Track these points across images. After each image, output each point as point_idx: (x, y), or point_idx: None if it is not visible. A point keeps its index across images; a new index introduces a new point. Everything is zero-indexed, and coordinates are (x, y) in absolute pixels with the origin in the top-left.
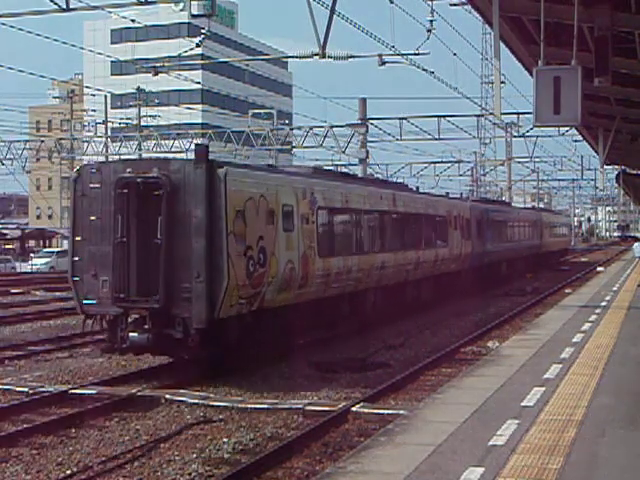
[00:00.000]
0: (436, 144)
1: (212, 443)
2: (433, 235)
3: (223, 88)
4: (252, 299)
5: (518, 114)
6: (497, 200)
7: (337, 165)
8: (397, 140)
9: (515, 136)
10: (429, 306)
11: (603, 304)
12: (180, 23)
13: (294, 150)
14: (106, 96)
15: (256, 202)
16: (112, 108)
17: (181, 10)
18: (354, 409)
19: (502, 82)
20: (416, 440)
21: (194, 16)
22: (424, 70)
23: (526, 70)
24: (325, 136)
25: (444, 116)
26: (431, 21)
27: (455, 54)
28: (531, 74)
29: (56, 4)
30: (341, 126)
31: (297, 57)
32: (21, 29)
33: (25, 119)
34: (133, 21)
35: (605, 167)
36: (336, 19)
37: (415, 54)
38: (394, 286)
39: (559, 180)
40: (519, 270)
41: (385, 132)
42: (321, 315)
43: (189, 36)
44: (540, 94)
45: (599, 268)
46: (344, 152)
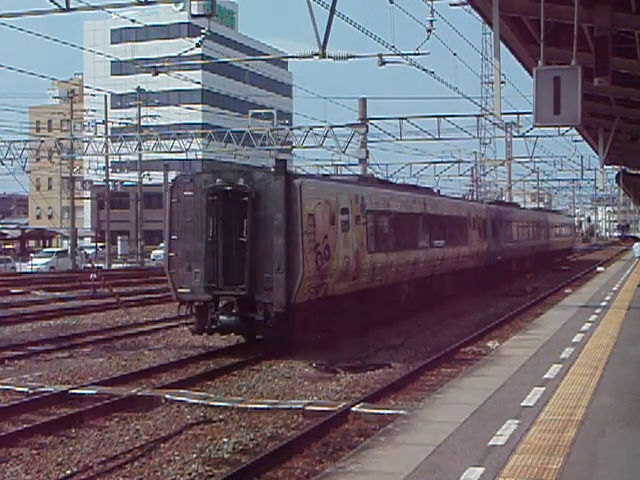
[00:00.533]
0: (436, 144)
1: (212, 443)
2: (455, 235)
3: (223, 88)
4: (319, 288)
5: (518, 114)
6: (508, 202)
7: (337, 165)
8: (397, 140)
9: (515, 136)
10: (451, 299)
11: (603, 304)
12: (180, 23)
13: (294, 150)
14: (106, 96)
15: (322, 207)
16: (112, 108)
17: (181, 10)
18: (354, 409)
19: (502, 82)
20: (416, 440)
21: (194, 16)
22: (424, 70)
23: (526, 70)
24: (325, 136)
25: (444, 116)
26: (431, 21)
27: (455, 54)
28: (531, 74)
29: (56, 4)
30: (341, 126)
31: (297, 57)
32: (21, 29)
33: (25, 119)
34: (133, 21)
35: (605, 167)
36: (336, 19)
37: (415, 54)
38: (423, 280)
39: (559, 180)
40: (528, 267)
41: (385, 132)
42: (367, 304)
43: (189, 36)
44: (540, 94)
45: (599, 268)
46: (344, 152)
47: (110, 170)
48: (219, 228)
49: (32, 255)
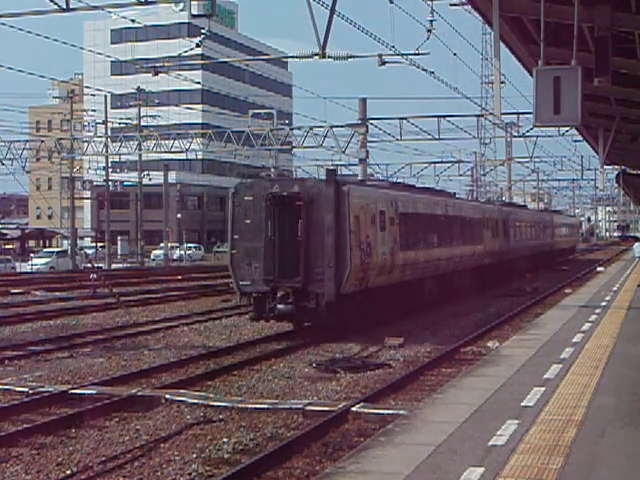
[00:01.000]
0: (436, 144)
1: (212, 443)
2: (472, 234)
3: (223, 88)
4: (362, 281)
5: (518, 114)
6: (517, 204)
7: (337, 165)
8: (397, 140)
9: (515, 136)
10: (468, 293)
11: (603, 304)
12: (180, 23)
13: (294, 150)
14: (106, 96)
15: (365, 209)
16: (112, 108)
17: (181, 10)
18: (354, 409)
19: (502, 82)
20: (416, 440)
21: (194, 16)
22: (424, 70)
23: (526, 70)
24: (325, 136)
25: (444, 116)
26: (431, 21)
27: (455, 54)
28: (531, 74)
29: (56, 4)
30: (341, 126)
31: (297, 57)
32: (21, 29)
33: (25, 119)
34: (133, 21)
35: (605, 167)
36: (336, 19)
37: (415, 54)
38: (443, 275)
39: (559, 180)
40: (535, 265)
41: (385, 132)
42: (398, 296)
43: (189, 36)
44: (540, 94)
45: (599, 268)
46: (344, 152)
47: (110, 170)
48: (276, 229)
49: (32, 255)
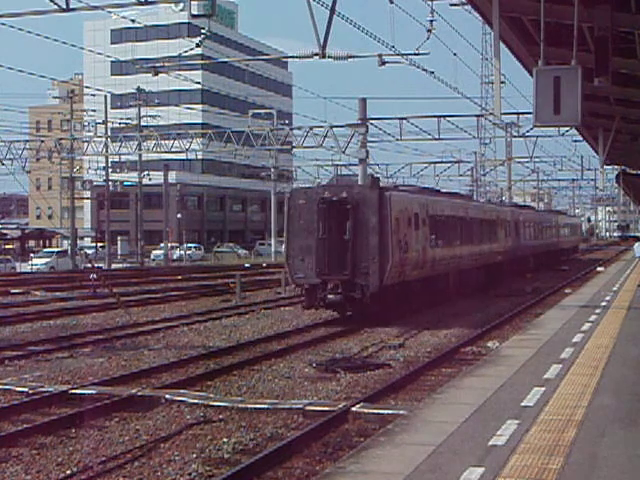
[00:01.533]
0: (436, 144)
1: (212, 443)
2: (488, 234)
3: (223, 88)
4: (400, 274)
5: (518, 114)
6: (526, 205)
7: (337, 165)
8: (397, 140)
9: (515, 136)
10: (483, 287)
11: (603, 304)
12: (180, 23)
13: (294, 150)
14: (106, 96)
15: (402, 212)
16: (112, 108)
17: (181, 10)
18: (354, 409)
19: (502, 82)
20: (416, 440)
21: (194, 16)
22: (424, 70)
23: (526, 70)
24: (325, 136)
25: (444, 116)
26: (431, 21)
27: (455, 54)
28: (531, 74)
29: (56, 4)
30: (341, 126)
31: (297, 57)
32: (21, 29)
33: (25, 119)
34: (133, 21)
35: (605, 167)
36: (336, 19)
37: (415, 54)
38: (463, 271)
39: (559, 180)
40: (543, 262)
41: (385, 132)
42: (428, 288)
43: (189, 36)
44: (540, 94)
45: (599, 268)
46: (344, 152)
47: (110, 170)
48: (326, 229)
49: (32, 255)
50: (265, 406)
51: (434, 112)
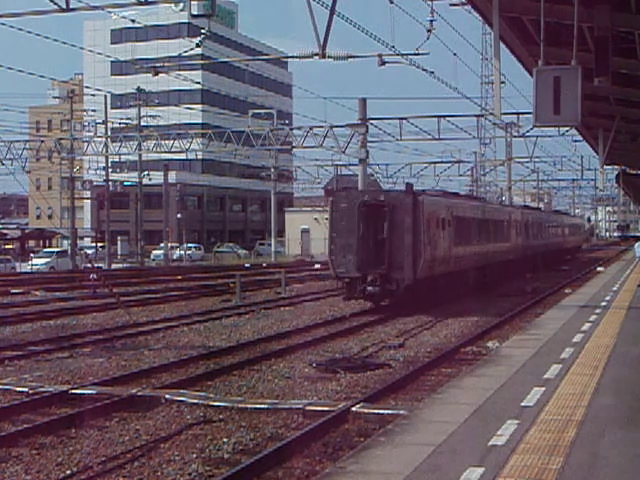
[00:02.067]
0: (436, 144)
1: (212, 443)
2: (501, 233)
3: (223, 88)
4: (430, 269)
5: (518, 114)
6: (533, 206)
7: (337, 165)
8: (397, 140)
9: (515, 136)
10: (496, 282)
11: (603, 304)
12: (180, 23)
13: (294, 150)
14: (106, 96)
15: (432, 214)
16: (112, 108)
17: (181, 10)
18: (354, 409)
19: (502, 82)
20: (416, 440)
21: (194, 16)
22: (424, 70)
23: (526, 70)
24: (325, 136)
25: (444, 116)
26: (431, 21)
27: (455, 54)
28: (531, 74)
29: (56, 4)
30: (341, 126)
31: (297, 57)
32: (21, 29)
33: (25, 119)
34: (133, 21)
35: (605, 167)
36: (336, 19)
37: (415, 54)
38: (481, 267)
39: (559, 180)
40: (549, 260)
41: (385, 132)
42: (451, 282)
43: (189, 36)
44: (540, 94)
45: (599, 268)
46: (344, 152)
47: (110, 170)
48: (366, 229)
49: (32, 255)
50: (265, 406)
51: (434, 112)
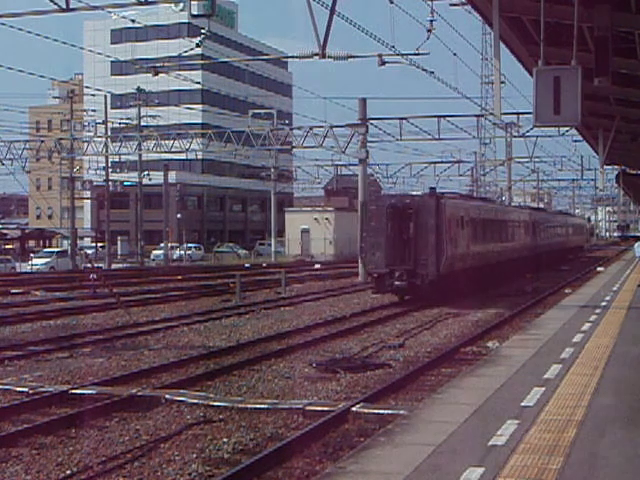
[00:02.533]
0: (436, 144)
1: (212, 443)
2: (513, 233)
3: (223, 88)
4: (451, 265)
5: (518, 114)
6: (540, 208)
7: (337, 165)
8: (397, 140)
9: (515, 136)
10: (507, 278)
11: (603, 304)
12: (180, 23)
13: (294, 150)
14: (106, 96)
15: (453, 215)
16: (112, 108)
17: (181, 10)
18: (354, 409)
19: (502, 82)
20: (416, 440)
21: (194, 16)
22: (424, 70)
23: (526, 70)
24: (325, 136)
25: (444, 116)
26: (431, 21)
27: (455, 54)
28: (531, 74)
29: (56, 4)
30: (341, 126)
31: (297, 57)
32: (21, 29)
33: (25, 119)
34: (133, 21)
35: (605, 167)
36: (336, 19)
37: (415, 54)
38: (494, 264)
39: (559, 180)
40: (555, 258)
41: (385, 132)
42: (469, 277)
43: (189, 36)
44: (540, 94)
45: (599, 268)
46: (344, 152)
47: (110, 170)
48: (393, 229)
49: (32, 255)
50: (265, 406)
51: (434, 112)
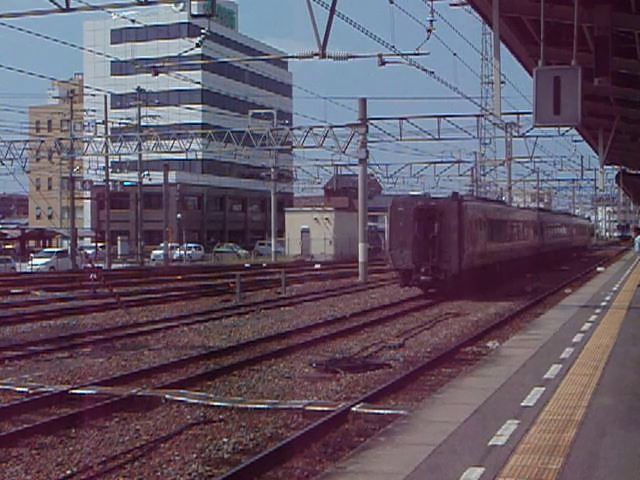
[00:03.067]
0: (436, 144)
1: (212, 443)
2: (523, 233)
3: (223, 88)
4: (471, 262)
5: (518, 114)
6: (547, 209)
7: (337, 165)
8: (397, 140)
9: (515, 136)
10: (517, 275)
11: (603, 304)
12: (180, 23)
13: (294, 150)
14: (106, 96)
15: (473, 216)
16: (112, 108)
17: (181, 10)
18: (354, 409)
19: (502, 82)
20: (416, 440)
21: (194, 16)
22: (424, 70)
23: (526, 70)
24: (325, 136)
25: (444, 116)
26: (431, 21)
27: (455, 54)
28: (531, 74)
29: (56, 4)
30: (341, 126)
31: (297, 57)
32: (21, 29)
33: (25, 119)
34: (133, 21)
35: (605, 167)
36: (336, 19)
37: (415, 54)
38: (507, 261)
39: (559, 180)
40: (560, 256)
41: (385, 132)
42: (486, 273)
43: (189, 36)
44: (540, 94)
45: (599, 268)
46: (344, 152)
47: (110, 170)
48: (419, 229)
49: (32, 255)
50: (265, 406)
51: (434, 112)
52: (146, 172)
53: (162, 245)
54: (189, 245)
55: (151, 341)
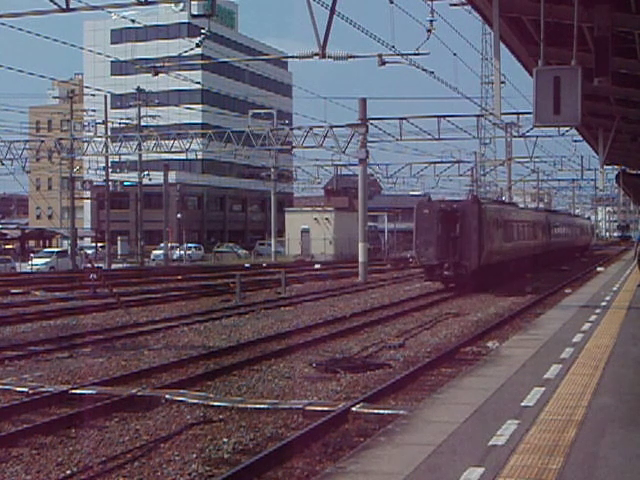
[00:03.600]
0: (436, 144)
1: (212, 443)
2: (531, 232)
3: (223, 88)
4: (490, 258)
5: (518, 114)
6: (554, 210)
7: (337, 165)
8: (397, 140)
9: (515, 136)
10: (527, 271)
11: (603, 304)
12: (180, 23)
13: (294, 150)
14: (106, 96)
15: (491, 217)
16: (112, 108)
17: (181, 10)
18: (354, 409)
19: (502, 82)
20: (416, 440)
21: (194, 16)
22: (424, 70)
23: (526, 70)
24: (325, 136)
25: (444, 116)
26: (431, 21)
27: (455, 54)
28: (531, 74)
29: (56, 4)
30: (341, 126)
31: (297, 57)
32: (21, 29)
33: (25, 119)
34: (133, 21)
35: (605, 167)
36: (336, 19)
37: (415, 54)
38: (518, 259)
39: (559, 180)
40: (565, 255)
41: (385, 132)
42: (501, 269)
43: (189, 36)
44: (540, 94)
45: (599, 268)
46: (344, 152)
47: (110, 170)
48: (442, 229)
49: (32, 255)
50: (265, 406)
51: (434, 112)
52: (146, 172)
53: (162, 245)
54: (189, 245)
55: (151, 341)
